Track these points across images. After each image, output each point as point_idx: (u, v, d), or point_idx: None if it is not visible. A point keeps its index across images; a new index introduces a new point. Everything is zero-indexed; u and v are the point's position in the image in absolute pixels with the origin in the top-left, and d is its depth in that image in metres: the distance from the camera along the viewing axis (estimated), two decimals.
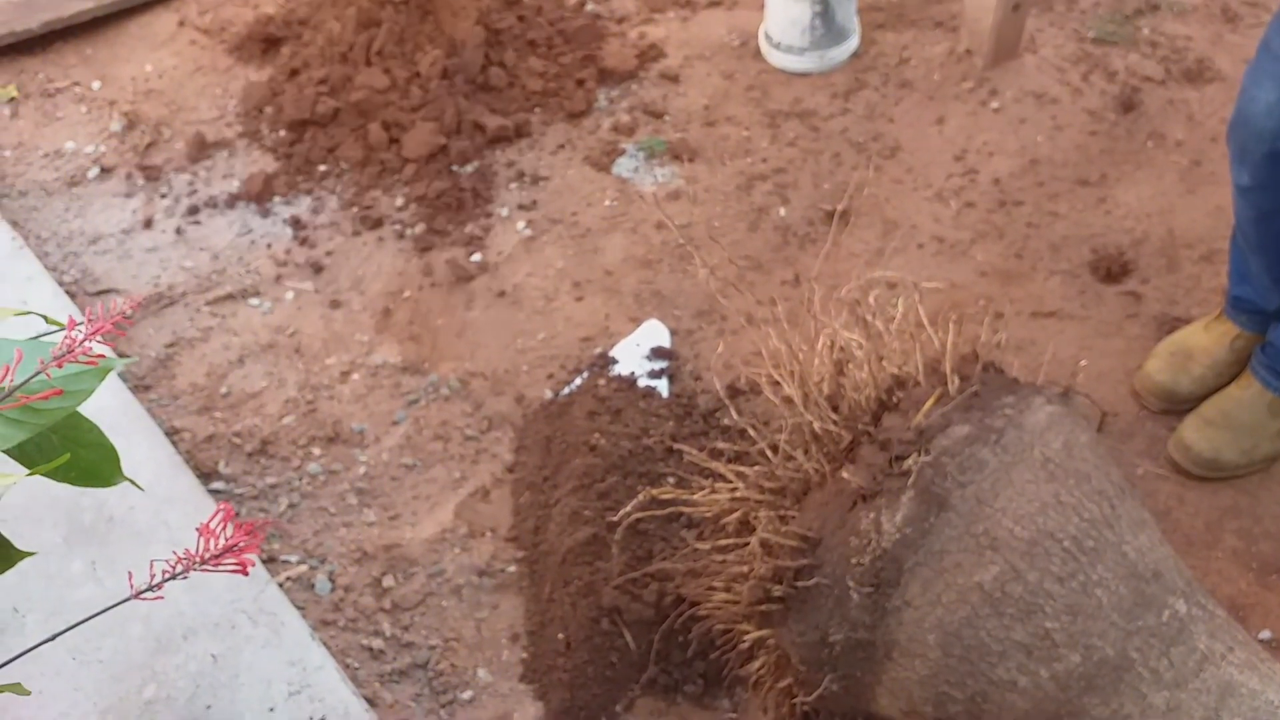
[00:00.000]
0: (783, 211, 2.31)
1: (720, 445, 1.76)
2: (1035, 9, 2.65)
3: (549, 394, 2.02)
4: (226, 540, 0.85)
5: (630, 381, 1.99)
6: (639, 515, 1.70)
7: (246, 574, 0.91)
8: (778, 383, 1.56)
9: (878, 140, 2.45)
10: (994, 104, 2.49)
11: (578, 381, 2.03)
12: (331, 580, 1.74)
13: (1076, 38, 2.63)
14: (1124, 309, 2.10)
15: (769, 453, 1.51)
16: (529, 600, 1.74)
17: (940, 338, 1.51)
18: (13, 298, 2.05)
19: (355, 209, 2.33)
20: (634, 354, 2.05)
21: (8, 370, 0.79)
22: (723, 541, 1.51)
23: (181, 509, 1.77)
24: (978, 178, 2.35)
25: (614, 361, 2.05)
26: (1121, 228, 2.23)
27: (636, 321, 2.12)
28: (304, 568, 1.75)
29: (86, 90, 2.63)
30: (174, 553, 0.86)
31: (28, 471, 0.83)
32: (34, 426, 0.84)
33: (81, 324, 0.79)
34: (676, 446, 1.83)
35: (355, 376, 2.03)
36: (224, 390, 2.00)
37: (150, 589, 0.86)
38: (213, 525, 0.85)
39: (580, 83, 2.57)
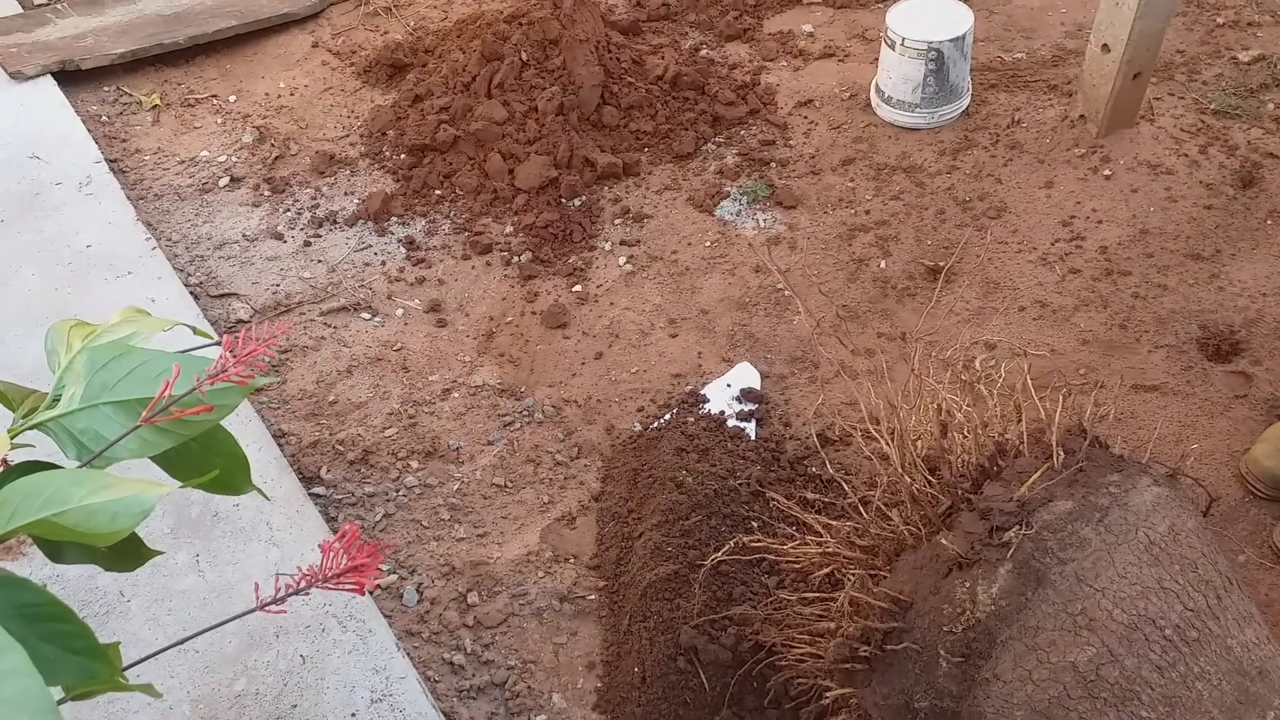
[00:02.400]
0: (883, 264, 2.32)
1: (809, 495, 1.77)
2: (1155, 78, 2.62)
3: (638, 426, 2.05)
4: (349, 560, 0.89)
5: (719, 421, 2.01)
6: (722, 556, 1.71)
7: (363, 594, 0.95)
8: (873, 437, 1.57)
9: (984, 200, 2.44)
10: (1105, 171, 2.46)
11: (667, 417, 2.06)
12: (419, 592, 1.79)
13: (1196, 109, 2.59)
14: (1232, 389, 2.05)
15: (861, 508, 1.51)
16: (607, 630, 1.77)
17: (1044, 405, 1.51)
18: (143, 295, 2.17)
19: (467, 234, 2.41)
20: (724, 394, 2.08)
21: (168, 385, 0.85)
22: (808, 594, 1.51)
23: (284, 510, 1.84)
24: (1084, 244, 2.32)
25: (704, 400, 2.07)
26: (1234, 305, 2.18)
27: (729, 362, 2.15)
28: (394, 577, 1.81)
29: (223, 103, 2.77)
30: (298, 568, 0.90)
31: (180, 484, 0.88)
32: (181, 436, 0.89)
33: (236, 346, 0.84)
34: (764, 491, 1.85)
35: (456, 395, 2.09)
36: (331, 398, 2.08)
37: (275, 601, 0.90)
38: (335, 544, 0.90)
39: (690, 126, 2.62)
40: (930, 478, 1.45)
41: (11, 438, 0.87)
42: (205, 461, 0.97)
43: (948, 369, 1.84)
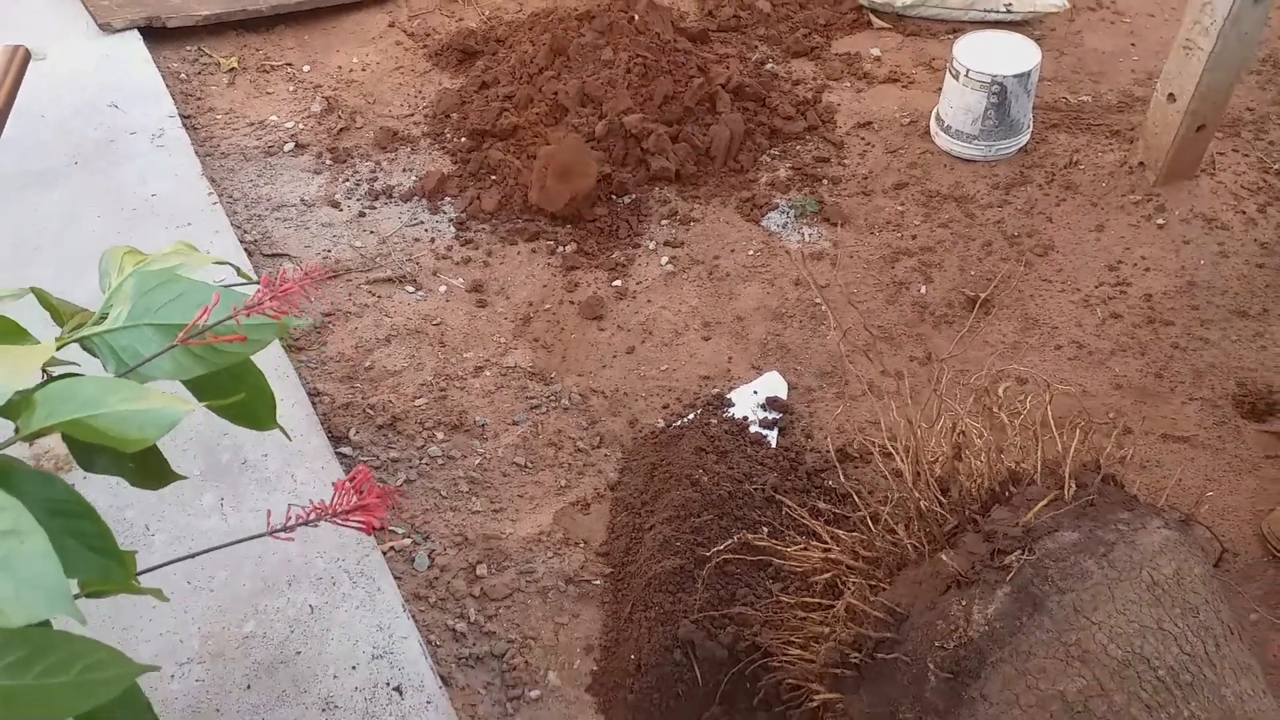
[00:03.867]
0: (923, 289, 2.32)
1: (821, 505, 1.78)
2: (1220, 132, 2.59)
3: (661, 423, 2.08)
4: (359, 499, 0.92)
5: (741, 426, 2.03)
6: (728, 556, 1.73)
7: (370, 533, 0.98)
8: (890, 455, 1.58)
9: (1032, 236, 2.43)
10: (1159, 220, 2.44)
11: (690, 417, 2.08)
12: (430, 558, 1.84)
13: (1260, 167, 2.56)
14: (1264, 448, 2.02)
15: (870, 522, 1.52)
16: (608, 616, 1.79)
17: (1064, 441, 1.51)
18: (199, 246, 2.25)
19: (511, 224, 2.46)
20: (750, 400, 2.10)
21: (206, 311, 0.90)
22: (807, 599, 1.53)
23: (309, 465, 1.90)
24: (1129, 290, 2.31)
25: (729, 404, 2.09)
26: (1276, 365, 2.15)
27: (758, 370, 2.17)
28: (408, 541, 1.85)
29: (297, 72, 2.86)
30: (310, 501, 0.94)
31: (203, 403, 0.92)
32: (213, 364, 0.94)
33: (275, 282, 0.89)
34: (778, 498, 1.86)
35: (487, 373, 2.14)
36: (368, 364, 2.14)
37: (284, 529, 0.94)
38: (348, 483, 0.93)
39: (747, 136, 2.65)
40: (940, 497, 1.46)
41: (58, 348, 0.92)
42: (234, 393, 1.02)
43: (972, 394, 1.84)
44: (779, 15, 3.06)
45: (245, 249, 2.31)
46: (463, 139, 2.67)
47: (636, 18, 2.80)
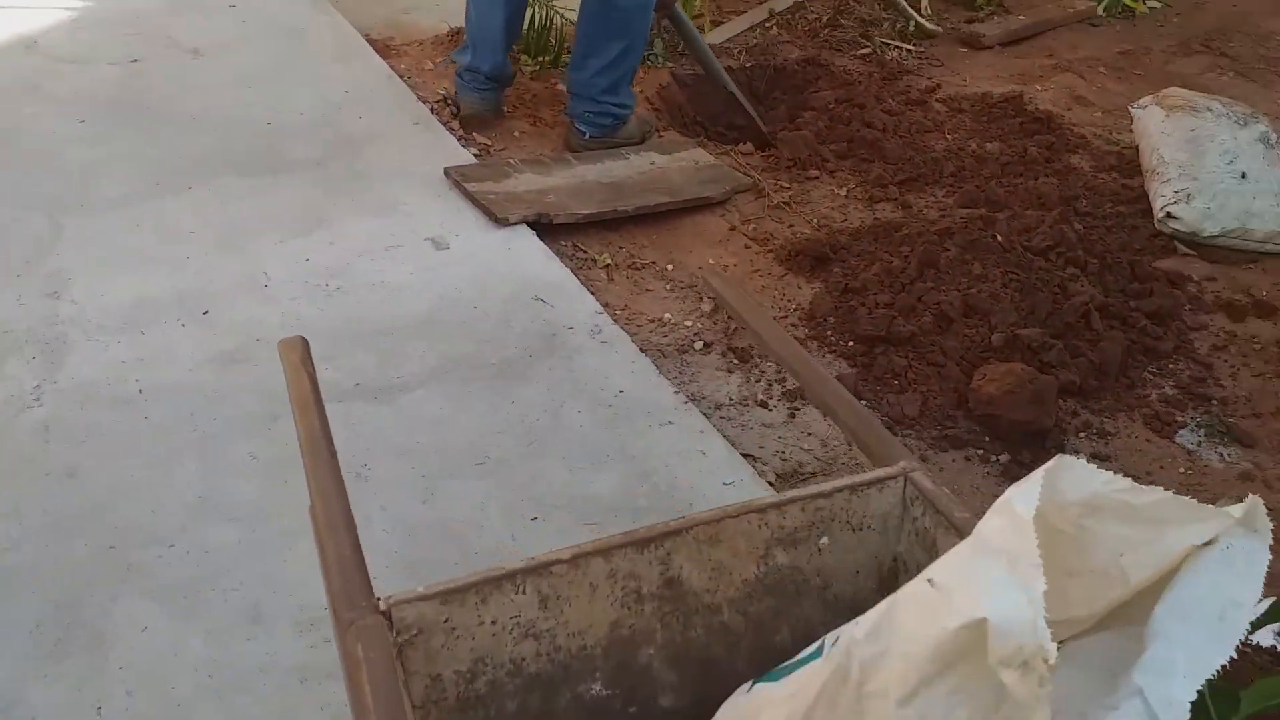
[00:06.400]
0: None
1: None
2: None
3: None
4: None
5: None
6: None
7: None
8: None
9: None
10: None
11: None
12: None
13: None
14: None
15: None
16: None
17: None
18: (692, 447, 2.22)
19: (937, 430, 2.50)
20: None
21: None
22: None
23: None
24: None
25: None
26: None
27: None
28: None
29: (664, 270, 2.94)
30: None
31: None
32: None
33: None
34: None
35: None
36: None
37: None
38: None
39: (1126, 353, 2.76)
40: None
41: None
42: None
43: None
44: (1090, 240, 3.25)
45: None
46: (850, 342, 2.74)
47: (1000, 236, 2.97)
